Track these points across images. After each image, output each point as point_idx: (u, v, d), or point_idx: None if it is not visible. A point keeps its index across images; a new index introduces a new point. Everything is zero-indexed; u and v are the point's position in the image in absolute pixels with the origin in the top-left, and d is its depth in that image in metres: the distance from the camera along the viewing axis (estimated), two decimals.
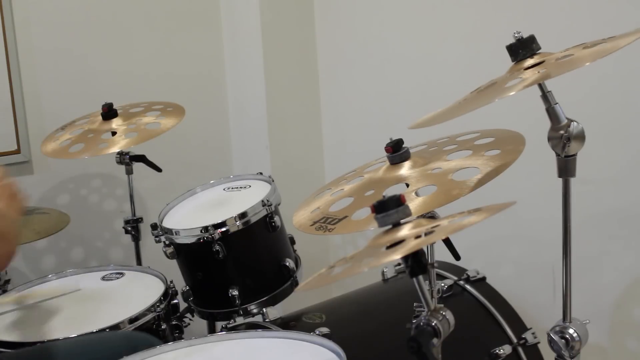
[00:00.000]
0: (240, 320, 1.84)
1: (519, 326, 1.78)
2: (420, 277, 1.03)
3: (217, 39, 2.85)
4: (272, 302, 1.87)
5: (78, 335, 1.59)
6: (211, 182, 2.14)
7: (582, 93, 1.82)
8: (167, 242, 1.89)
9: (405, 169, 1.31)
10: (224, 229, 1.81)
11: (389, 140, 1.34)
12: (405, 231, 1.02)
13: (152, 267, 1.99)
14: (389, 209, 1.02)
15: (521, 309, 1.83)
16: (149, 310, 1.73)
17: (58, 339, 1.59)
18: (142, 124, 2.17)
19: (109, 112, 2.18)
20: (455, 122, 1.21)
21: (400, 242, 1.00)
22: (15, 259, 1.25)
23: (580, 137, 1.23)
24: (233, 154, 2.94)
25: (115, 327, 1.65)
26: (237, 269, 1.88)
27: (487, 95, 1.24)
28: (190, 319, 1.97)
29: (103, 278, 1.98)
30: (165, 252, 1.90)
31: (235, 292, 1.83)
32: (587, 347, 1.31)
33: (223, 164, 2.92)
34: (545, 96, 1.24)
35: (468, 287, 1.84)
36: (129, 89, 2.62)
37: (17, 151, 2.46)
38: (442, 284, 1.81)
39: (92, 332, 1.61)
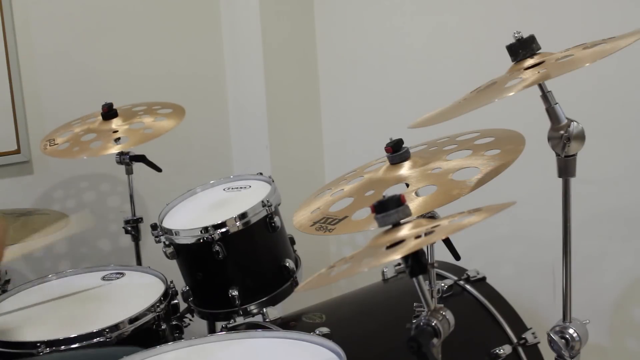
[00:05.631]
0: (240, 320, 1.84)
1: (519, 326, 1.78)
2: (420, 277, 1.03)
3: (217, 39, 2.85)
4: (272, 302, 1.87)
5: (63, 349, 1.58)
6: (211, 182, 2.13)
7: (582, 93, 1.82)
8: (167, 242, 1.89)
9: (405, 169, 1.31)
10: (223, 230, 1.81)
11: (389, 140, 1.34)
12: (405, 231, 1.02)
13: (152, 267, 1.99)
14: (389, 209, 1.02)
15: (521, 309, 1.83)
16: (148, 310, 1.73)
17: (42, 347, 1.58)
18: (142, 126, 2.16)
19: (109, 112, 2.18)
20: (455, 122, 1.21)
21: (400, 242, 1.00)
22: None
23: (580, 137, 1.23)
24: (233, 154, 2.94)
25: (115, 327, 1.65)
26: (237, 269, 1.88)
27: (487, 95, 1.24)
28: (190, 319, 1.97)
29: (103, 278, 1.98)
30: (165, 252, 1.89)
31: (235, 292, 1.83)
32: (587, 347, 1.31)
33: (223, 164, 2.92)
34: (545, 96, 1.24)
35: (468, 287, 1.84)
36: (129, 89, 2.62)
37: (17, 151, 2.46)
38: (442, 284, 1.81)
39: (75, 347, 1.60)
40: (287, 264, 1.90)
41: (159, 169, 2.25)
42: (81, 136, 2.17)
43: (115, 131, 2.15)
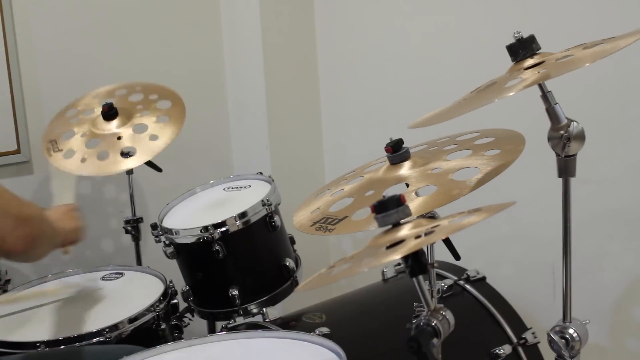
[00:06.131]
0: (240, 320, 1.84)
1: (519, 326, 1.78)
2: (420, 277, 1.03)
3: (217, 39, 2.85)
4: (272, 302, 1.87)
5: (66, 347, 1.59)
6: (211, 182, 2.14)
7: (582, 93, 1.82)
8: (167, 242, 1.89)
9: (405, 169, 1.31)
10: (223, 229, 1.81)
11: (389, 140, 1.34)
12: (405, 231, 1.02)
13: (152, 267, 1.99)
14: (389, 209, 1.02)
15: (521, 309, 1.83)
16: (148, 310, 1.73)
17: (42, 347, 1.58)
18: (146, 130, 2.14)
19: (109, 112, 2.18)
20: (455, 122, 1.21)
21: (400, 242, 1.00)
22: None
23: (580, 137, 1.23)
24: (233, 154, 2.94)
25: (114, 327, 1.65)
26: (237, 269, 1.88)
27: (487, 95, 1.24)
28: (190, 319, 1.97)
29: (103, 278, 1.98)
30: (165, 252, 1.90)
31: (235, 292, 1.83)
32: (587, 347, 1.31)
33: (223, 164, 2.92)
34: (545, 96, 1.24)
35: (468, 287, 1.84)
36: None
37: (17, 151, 2.46)
38: (442, 284, 1.81)
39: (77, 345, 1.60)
40: (287, 264, 1.90)
41: (159, 169, 2.25)
42: (85, 142, 2.14)
43: (120, 137, 2.12)
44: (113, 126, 2.17)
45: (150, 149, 2.10)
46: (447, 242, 1.47)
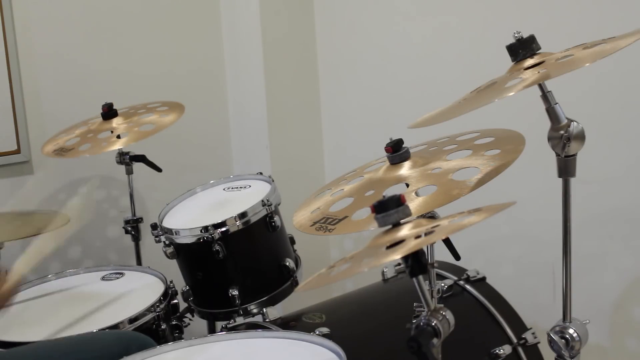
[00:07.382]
0: (240, 320, 1.84)
1: (519, 326, 1.78)
2: (420, 277, 1.03)
3: (217, 39, 2.85)
4: (272, 302, 1.87)
5: (71, 335, 1.59)
6: (211, 182, 2.14)
7: (582, 93, 1.82)
8: (167, 242, 1.89)
9: (405, 169, 1.31)
10: (223, 229, 1.81)
11: (389, 140, 1.34)
12: (405, 231, 1.02)
13: (152, 267, 1.99)
14: (389, 209, 1.02)
15: (521, 309, 1.83)
16: (148, 310, 1.74)
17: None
18: (142, 122, 2.16)
19: (109, 112, 2.18)
20: (455, 122, 1.21)
21: (400, 242, 1.00)
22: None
23: (580, 137, 1.23)
24: (233, 154, 2.94)
25: (115, 327, 1.65)
26: (237, 269, 1.88)
27: (487, 95, 1.24)
28: (190, 319, 1.97)
29: (103, 278, 1.98)
30: (165, 252, 1.90)
31: (235, 292, 1.83)
32: (587, 347, 1.31)
33: (223, 164, 2.92)
34: (545, 96, 1.24)
35: (468, 287, 1.84)
36: (129, 89, 2.62)
37: (17, 151, 2.46)
38: (442, 284, 1.81)
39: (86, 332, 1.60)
40: (287, 264, 1.90)
41: (159, 169, 2.25)
42: (82, 135, 2.16)
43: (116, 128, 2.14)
44: (111, 125, 2.17)
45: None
46: (447, 242, 1.47)
